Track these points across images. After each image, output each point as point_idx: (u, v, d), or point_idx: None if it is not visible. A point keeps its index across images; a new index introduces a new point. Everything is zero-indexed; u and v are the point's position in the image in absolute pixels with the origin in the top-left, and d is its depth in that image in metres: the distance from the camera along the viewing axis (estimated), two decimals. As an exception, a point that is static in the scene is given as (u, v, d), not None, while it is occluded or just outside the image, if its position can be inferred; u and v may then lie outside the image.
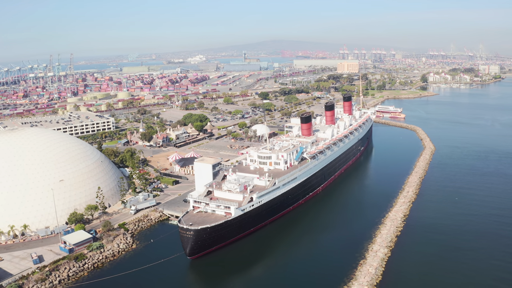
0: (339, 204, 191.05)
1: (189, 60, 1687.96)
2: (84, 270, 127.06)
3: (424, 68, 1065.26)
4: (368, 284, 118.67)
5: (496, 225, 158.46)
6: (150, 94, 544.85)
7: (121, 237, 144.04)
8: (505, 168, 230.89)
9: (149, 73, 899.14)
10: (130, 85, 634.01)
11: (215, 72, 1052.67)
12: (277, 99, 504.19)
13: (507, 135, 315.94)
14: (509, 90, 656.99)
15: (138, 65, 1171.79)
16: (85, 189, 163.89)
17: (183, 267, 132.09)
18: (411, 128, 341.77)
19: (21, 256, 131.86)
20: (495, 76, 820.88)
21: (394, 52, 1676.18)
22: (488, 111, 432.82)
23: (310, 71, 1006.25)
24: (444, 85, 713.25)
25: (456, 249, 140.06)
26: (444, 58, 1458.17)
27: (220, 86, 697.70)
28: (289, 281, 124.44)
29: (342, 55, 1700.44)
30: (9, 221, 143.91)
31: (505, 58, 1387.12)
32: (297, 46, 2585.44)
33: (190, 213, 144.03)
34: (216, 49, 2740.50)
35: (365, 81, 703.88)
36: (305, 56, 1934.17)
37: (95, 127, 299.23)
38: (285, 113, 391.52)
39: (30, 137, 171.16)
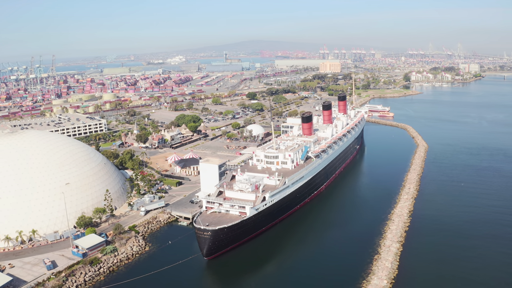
0: (344, 202, 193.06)
1: (168, 61, 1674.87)
2: (100, 274, 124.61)
3: (405, 67, 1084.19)
4: (386, 278, 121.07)
5: (497, 215, 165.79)
6: (136, 95, 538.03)
7: (133, 240, 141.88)
8: (498, 164, 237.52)
9: (130, 74, 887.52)
10: (114, 87, 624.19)
11: (197, 72, 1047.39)
12: (265, 99, 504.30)
13: (495, 132, 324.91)
14: (491, 88, 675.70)
15: (118, 66, 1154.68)
16: (91, 192, 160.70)
17: (200, 268, 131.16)
18: (401, 126, 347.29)
19: (32, 262, 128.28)
20: (475, 75, 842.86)
21: (374, 51, 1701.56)
22: (473, 109, 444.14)
23: (292, 71, 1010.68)
24: (426, 84, 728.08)
25: (465, 238, 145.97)
26: (423, 57, 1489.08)
27: (205, 86, 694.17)
28: (307, 278, 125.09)
29: (323, 55, 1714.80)
30: (16, 226, 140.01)
31: (483, 56, 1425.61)
32: (276, 46, 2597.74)
33: (204, 214, 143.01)
34: (195, 50, 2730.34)
35: (349, 81, 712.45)
36: (284, 56, 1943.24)
37: (87, 129, 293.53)
38: (276, 113, 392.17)
39: (32, 139, 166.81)
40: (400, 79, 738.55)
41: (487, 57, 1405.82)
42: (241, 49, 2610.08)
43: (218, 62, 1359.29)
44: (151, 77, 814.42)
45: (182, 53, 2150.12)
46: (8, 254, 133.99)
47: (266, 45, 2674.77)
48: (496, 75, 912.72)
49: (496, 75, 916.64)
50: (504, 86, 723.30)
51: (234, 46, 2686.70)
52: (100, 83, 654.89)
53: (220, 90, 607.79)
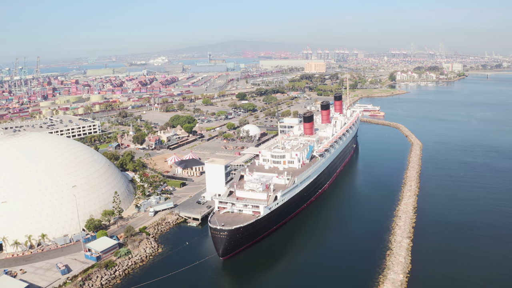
0: (348, 200, 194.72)
1: (151, 61, 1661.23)
2: (116, 277, 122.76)
3: (388, 67, 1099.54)
4: (402, 272, 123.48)
5: (497, 207, 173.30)
6: (124, 96, 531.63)
7: (146, 242, 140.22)
8: (492, 160, 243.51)
9: (114, 75, 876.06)
10: (100, 88, 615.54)
11: (182, 73, 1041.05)
12: (255, 100, 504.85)
13: (485, 130, 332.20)
14: (475, 87, 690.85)
15: (100, 67, 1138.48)
16: (98, 194, 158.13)
17: (217, 269, 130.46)
18: (393, 125, 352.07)
19: (44, 267, 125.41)
20: (459, 74, 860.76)
21: (357, 51, 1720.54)
22: (461, 107, 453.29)
23: (277, 71, 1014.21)
24: (412, 83, 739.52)
25: (470, 230, 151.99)
26: (405, 56, 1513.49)
27: (192, 87, 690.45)
28: (323, 274, 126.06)
29: (306, 55, 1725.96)
30: (24, 231, 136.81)
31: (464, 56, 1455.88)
32: (258, 46, 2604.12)
33: (217, 214, 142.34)
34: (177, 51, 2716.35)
35: (336, 80, 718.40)
36: (267, 56, 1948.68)
37: (81, 131, 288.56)
38: (269, 113, 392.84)
39: (35, 142, 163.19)
40: (386, 79, 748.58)
41: (468, 56, 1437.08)
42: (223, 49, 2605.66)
43: (202, 62, 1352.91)
44: (136, 78, 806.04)
45: (163, 54, 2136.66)
46: (18, 260, 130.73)
47: (248, 46, 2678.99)
48: (479, 74, 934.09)
49: (478, 74, 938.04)
50: (488, 85, 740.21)
51: (216, 47, 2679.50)
52: (85, 84, 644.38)
53: (208, 91, 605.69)
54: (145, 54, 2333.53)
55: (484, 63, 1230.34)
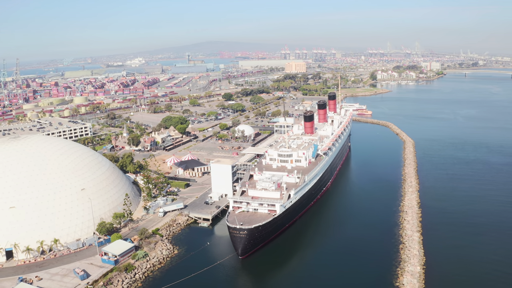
0: (352, 196, 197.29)
1: (128, 63, 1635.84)
2: (137, 280, 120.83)
3: (367, 67, 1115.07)
4: (418, 264, 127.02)
5: (494, 197, 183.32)
6: (108, 98, 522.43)
7: (161, 244, 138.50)
8: (484, 156, 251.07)
9: (93, 77, 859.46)
10: (82, 90, 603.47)
11: (162, 74, 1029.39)
12: (242, 100, 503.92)
13: (472, 127, 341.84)
14: (455, 85, 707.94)
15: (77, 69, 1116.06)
16: (107, 197, 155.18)
17: (237, 269, 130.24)
18: (382, 123, 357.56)
19: (60, 273, 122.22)
20: (438, 72, 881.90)
21: (335, 51, 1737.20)
22: (445, 105, 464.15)
23: (258, 71, 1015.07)
24: (392, 82, 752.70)
25: (473, 221, 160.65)
26: (382, 56, 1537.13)
27: (175, 88, 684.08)
28: (341, 268, 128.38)
29: (284, 55, 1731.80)
30: (34, 236, 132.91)
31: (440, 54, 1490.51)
32: (235, 47, 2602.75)
33: (232, 214, 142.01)
34: (152, 52, 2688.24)
35: (318, 80, 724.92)
36: (244, 57, 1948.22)
37: (72, 133, 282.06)
38: (258, 113, 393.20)
39: (39, 145, 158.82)
40: (367, 78, 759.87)
41: (444, 55, 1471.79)
42: (199, 50, 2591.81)
43: (181, 63, 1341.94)
44: (117, 80, 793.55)
45: (139, 55, 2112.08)
46: (31, 266, 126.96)
47: (225, 46, 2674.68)
48: (456, 72, 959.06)
49: (455, 72, 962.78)
50: (467, 83, 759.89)
51: (192, 48, 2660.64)
52: (66, 86, 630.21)
53: (192, 92, 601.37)
54: (121, 55, 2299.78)
55: (460, 61, 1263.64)
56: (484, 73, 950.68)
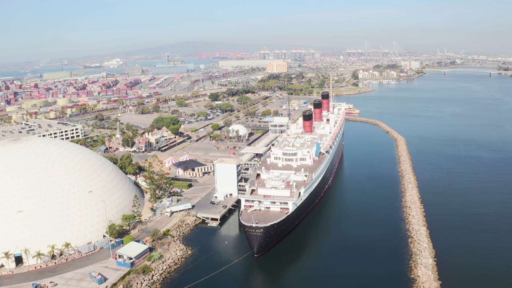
0: (353, 193, 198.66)
1: (106, 64, 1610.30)
2: (155, 282, 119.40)
3: (347, 66, 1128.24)
4: (430, 256, 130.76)
5: (490, 189, 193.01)
6: (93, 99, 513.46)
7: (174, 244, 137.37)
8: (475, 152, 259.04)
9: (73, 78, 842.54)
10: (65, 91, 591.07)
11: (142, 75, 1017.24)
12: (228, 100, 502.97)
13: (459, 124, 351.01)
14: (436, 84, 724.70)
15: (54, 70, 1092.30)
16: (114, 198, 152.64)
17: (253, 267, 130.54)
18: (371, 122, 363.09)
19: (75, 277, 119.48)
20: (418, 71, 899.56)
21: (313, 51, 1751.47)
22: (430, 103, 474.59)
23: (239, 71, 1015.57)
24: (374, 81, 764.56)
25: (474, 211, 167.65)
26: (360, 55, 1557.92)
27: (158, 89, 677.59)
28: (354, 262, 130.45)
29: (263, 55, 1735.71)
30: (44, 241, 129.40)
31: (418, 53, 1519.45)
32: (213, 47, 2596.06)
33: (245, 213, 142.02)
34: (129, 52, 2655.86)
35: (302, 79, 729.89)
36: (222, 57, 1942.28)
37: (63, 135, 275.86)
38: (248, 113, 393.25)
39: (42, 147, 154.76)
40: (349, 78, 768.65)
41: (422, 54, 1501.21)
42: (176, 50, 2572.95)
43: (160, 64, 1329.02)
44: (97, 81, 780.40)
45: (115, 56, 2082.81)
46: (43, 272, 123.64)
47: (202, 47, 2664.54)
48: (435, 71, 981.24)
49: (434, 71, 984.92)
50: (447, 81, 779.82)
51: (169, 48, 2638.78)
52: (46, 88, 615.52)
53: (177, 92, 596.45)
54: (97, 56, 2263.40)
55: (438, 60, 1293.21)
56: (463, 71, 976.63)
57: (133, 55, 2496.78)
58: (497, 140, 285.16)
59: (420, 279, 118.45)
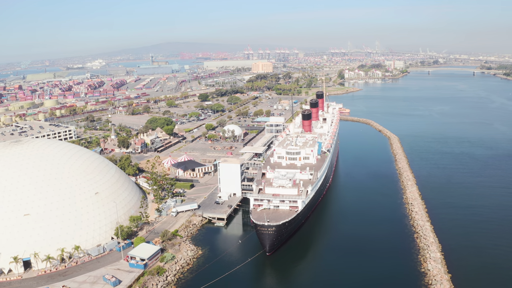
0: (354, 190, 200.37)
1: (88, 65, 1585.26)
2: (170, 283, 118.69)
3: (331, 66, 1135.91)
4: (437, 251, 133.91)
5: (486, 183, 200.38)
6: (80, 100, 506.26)
7: (184, 245, 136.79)
8: (468, 150, 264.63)
9: (57, 79, 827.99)
10: (51, 93, 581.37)
11: (127, 76, 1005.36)
12: (218, 100, 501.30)
13: (449, 122, 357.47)
14: (421, 83, 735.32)
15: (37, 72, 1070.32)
16: (120, 200, 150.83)
17: (265, 266, 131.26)
18: (363, 121, 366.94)
19: (88, 281, 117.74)
20: (402, 71, 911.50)
21: (297, 51, 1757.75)
22: (418, 102, 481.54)
23: (224, 72, 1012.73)
24: (360, 81, 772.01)
25: (473, 204, 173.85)
26: (343, 55, 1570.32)
27: (145, 90, 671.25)
28: (363, 258, 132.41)
29: (247, 55, 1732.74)
30: (52, 244, 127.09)
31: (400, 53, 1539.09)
32: (195, 48, 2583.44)
33: (254, 211, 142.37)
34: (111, 53, 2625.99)
35: (289, 80, 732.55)
36: (205, 57, 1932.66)
37: (56, 136, 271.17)
38: (240, 113, 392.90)
39: (45, 148, 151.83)
40: (336, 77, 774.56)
41: (404, 54, 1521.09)
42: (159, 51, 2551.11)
43: (144, 65, 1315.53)
44: (82, 82, 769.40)
45: (98, 57, 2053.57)
46: (54, 276, 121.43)
47: (184, 47, 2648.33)
48: (418, 70, 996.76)
49: (418, 70, 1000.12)
50: (432, 80, 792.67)
51: (151, 49, 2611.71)
52: (31, 89, 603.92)
53: (164, 93, 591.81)
54: (79, 57, 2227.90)
55: (421, 59, 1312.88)
56: (446, 70, 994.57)
57: (115, 56, 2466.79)
58: (488, 138, 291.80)
59: (431, 273, 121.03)
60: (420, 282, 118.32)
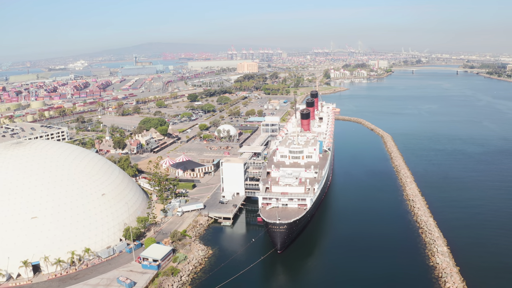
0: (355, 188, 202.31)
1: (70, 66, 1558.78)
2: (185, 283, 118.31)
3: (315, 66, 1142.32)
4: (443, 245, 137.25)
5: (481, 177, 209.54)
6: (68, 102, 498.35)
7: (194, 245, 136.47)
8: (460, 147, 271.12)
9: (41, 81, 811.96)
10: (37, 94, 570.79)
11: (111, 77, 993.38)
12: (207, 101, 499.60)
13: (438, 121, 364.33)
14: (407, 82, 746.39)
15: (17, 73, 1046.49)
16: (126, 201, 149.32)
17: (277, 264, 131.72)
18: (354, 120, 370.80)
19: (101, 283, 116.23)
20: (387, 70, 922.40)
21: (281, 51, 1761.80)
22: (406, 101, 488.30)
23: (209, 72, 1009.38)
24: (346, 80, 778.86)
25: (472, 199, 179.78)
26: (326, 55, 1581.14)
27: (132, 90, 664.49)
28: (372, 254, 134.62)
29: (231, 55, 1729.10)
30: (62, 247, 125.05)
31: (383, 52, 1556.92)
32: (177, 48, 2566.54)
33: (263, 210, 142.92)
34: (92, 54, 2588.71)
35: (276, 79, 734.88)
36: (188, 58, 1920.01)
37: (49, 138, 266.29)
38: (232, 113, 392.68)
39: (48, 150, 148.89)
40: (322, 77, 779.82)
41: (387, 53, 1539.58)
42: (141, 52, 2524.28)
43: (128, 65, 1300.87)
44: (67, 83, 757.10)
45: (80, 58, 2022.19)
46: (65, 279, 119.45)
47: (166, 48, 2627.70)
48: (402, 70, 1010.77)
49: (401, 69, 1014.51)
50: (417, 79, 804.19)
51: (133, 49, 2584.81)
52: (16, 91, 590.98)
53: (151, 94, 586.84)
54: (60, 58, 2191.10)
55: (404, 59, 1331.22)
56: (430, 69, 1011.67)
57: (97, 56, 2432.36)
58: (478, 136, 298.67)
59: (440, 266, 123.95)
60: (430, 275, 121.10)
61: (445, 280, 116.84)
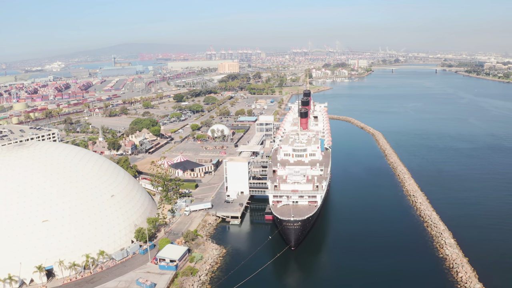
0: (355, 186, 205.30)
1: (47, 67, 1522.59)
2: (204, 283, 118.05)
3: (295, 66, 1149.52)
4: (450, 237, 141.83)
5: (474, 170, 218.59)
6: (51, 103, 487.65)
7: (207, 244, 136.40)
8: (450, 144, 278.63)
9: (19, 82, 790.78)
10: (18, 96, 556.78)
11: (90, 78, 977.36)
12: (193, 101, 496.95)
13: (425, 118, 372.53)
14: (388, 81, 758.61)
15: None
16: (134, 202, 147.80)
17: (292, 261, 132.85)
18: (343, 119, 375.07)
19: (119, 286, 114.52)
20: (367, 69, 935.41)
21: (260, 51, 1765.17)
22: (391, 100, 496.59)
23: (190, 72, 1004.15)
24: (328, 80, 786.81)
25: (469, 191, 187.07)
26: (305, 55, 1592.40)
27: (113, 91, 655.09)
28: (382, 247, 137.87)
29: (210, 55, 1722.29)
30: (75, 250, 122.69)
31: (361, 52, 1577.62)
32: (154, 48, 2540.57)
33: (275, 208, 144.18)
34: (68, 55, 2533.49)
35: (259, 79, 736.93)
36: (166, 58, 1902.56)
37: (40, 140, 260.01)
38: (221, 112, 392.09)
39: (53, 151, 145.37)
40: (305, 76, 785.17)
41: (364, 53, 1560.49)
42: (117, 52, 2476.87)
43: (107, 66, 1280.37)
44: (47, 85, 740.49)
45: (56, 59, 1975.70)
46: (81, 283, 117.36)
47: (142, 48, 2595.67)
48: (381, 69, 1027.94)
49: (380, 68, 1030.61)
50: (398, 78, 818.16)
51: (109, 50, 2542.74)
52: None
53: (134, 94, 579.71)
54: (36, 60, 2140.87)
55: (382, 58, 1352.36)
56: (409, 68, 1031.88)
57: (73, 58, 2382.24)
58: (466, 132, 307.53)
59: (450, 257, 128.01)
60: (442, 266, 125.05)
61: (457, 271, 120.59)
